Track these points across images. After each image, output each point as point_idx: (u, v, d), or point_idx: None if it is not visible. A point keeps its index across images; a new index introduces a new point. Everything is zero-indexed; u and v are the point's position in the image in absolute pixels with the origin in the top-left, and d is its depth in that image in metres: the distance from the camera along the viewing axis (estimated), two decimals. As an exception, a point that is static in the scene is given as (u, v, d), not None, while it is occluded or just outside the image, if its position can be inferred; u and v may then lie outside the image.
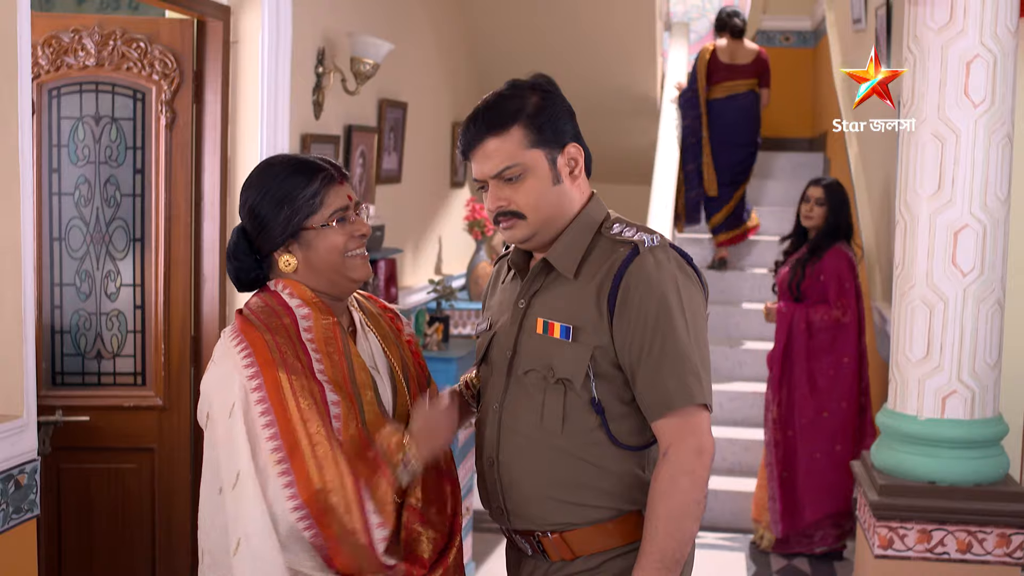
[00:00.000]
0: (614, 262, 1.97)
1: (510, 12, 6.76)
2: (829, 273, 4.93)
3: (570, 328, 1.97)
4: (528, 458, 2.02)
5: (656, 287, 1.94)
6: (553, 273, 2.05)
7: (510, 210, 2.01)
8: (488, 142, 1.99)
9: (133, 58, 3.57)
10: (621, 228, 2.04)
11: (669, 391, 1.92)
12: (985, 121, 3.49)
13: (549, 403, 1.99)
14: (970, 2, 3.48)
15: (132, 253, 3.63)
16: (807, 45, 8.65)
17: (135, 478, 3.65)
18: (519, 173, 1.99)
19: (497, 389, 2.08)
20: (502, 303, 2.15)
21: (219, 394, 1.94)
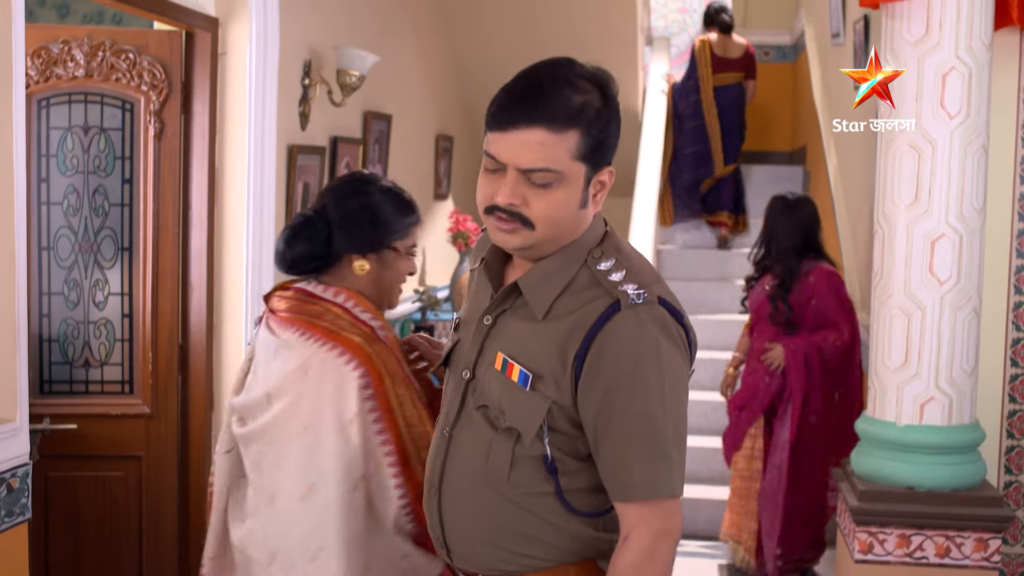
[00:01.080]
0: (589, 313, 1.67)
1: (494, 27, 6.82)
2: (825, 294, 4.61)
3: (529, 376, 1.69)
4: (471, 497, 1.77)
5: (632, 355, 1.64)
6: (518, 296, 1.76)
7: (521, 213, 1.67)
8: (537, 131, 1.63)
9: (122, 69, 3.60)
10: (611, 264, 1.72)
11: (634, 479, 1.66)
12: (961, 132, 3.56)
13: (497, 448, 1.72)
14: (946, 16, 3.55)
15: (120, 262, 3.65)
16: (787, 60, 8.75)
17: (122, 486, 3.67)
18: (553, 181, 1.65)
19: (451, 410, 1.81)
20: (473, 304, 1.86)
21: (331, 406, 2.08)
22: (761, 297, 4.76)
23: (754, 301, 4.82)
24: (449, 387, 1.85)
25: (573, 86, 1.67)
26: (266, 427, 2.15)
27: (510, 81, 1.69)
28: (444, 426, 1.82)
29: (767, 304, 4.70)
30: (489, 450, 1.73)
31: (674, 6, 9.03)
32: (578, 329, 1.67)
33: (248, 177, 3.79)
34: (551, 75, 1.67)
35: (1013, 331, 4.01)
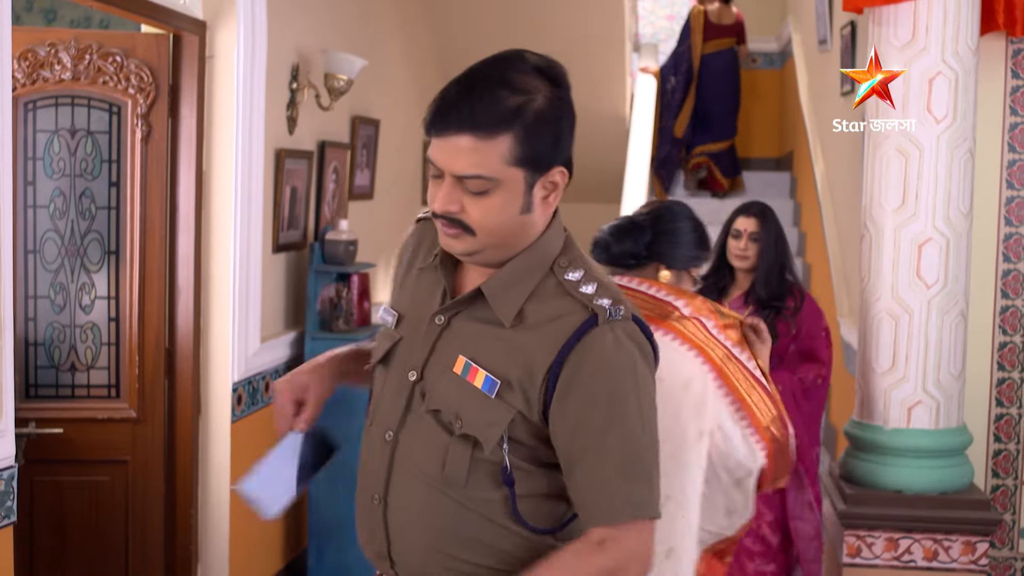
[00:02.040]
0: (564, 325, 1.61)
1: (482, 32, 6.82)
2: (814, 329, 4.05)
3: (497, 384, 1.61)
4: (423, 505, 1.67)
5: (610, 373, 1.59)
6: (481, 301, 1.66)
7: (460, 220, 1.60)
8: (465, 138, 1.56)
9: (109, 72, 3.59)
10: (579, 276, 1.65)
11: (615, 501, 1.59)
12: (948, 137, 3.57)
13: (454, 454, 1.63)
14: (932, 21, 3.56)
15: (107, 266, 3.64)
16: (774, 66, 8.77)
17: (108, 490, 3.65)
18: (488, 188, 1.58)
19: (393, 412, 1.70)
20: (416, 298, 1.75)
21: (680, 383, 2.43)
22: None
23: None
24: (387, 388, 1.73)
25: (510, 86, 1.59)
26: None
27: (445, 87, 1.63)
28: (385, 429, 1.70)
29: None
30: (445, 456, 1.64)
31: (661, 13, 9.06)
32: (551, 341, 1.60)
33: (235, 181, 3.78)
34: (486, 75, 1.61)
35: (1000, 335, 4.03)
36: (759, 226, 3.93)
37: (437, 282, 1.72)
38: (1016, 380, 4.03)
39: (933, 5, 3.56)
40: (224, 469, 3.78)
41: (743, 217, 3.99)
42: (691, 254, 2.69)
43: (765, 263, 3.89)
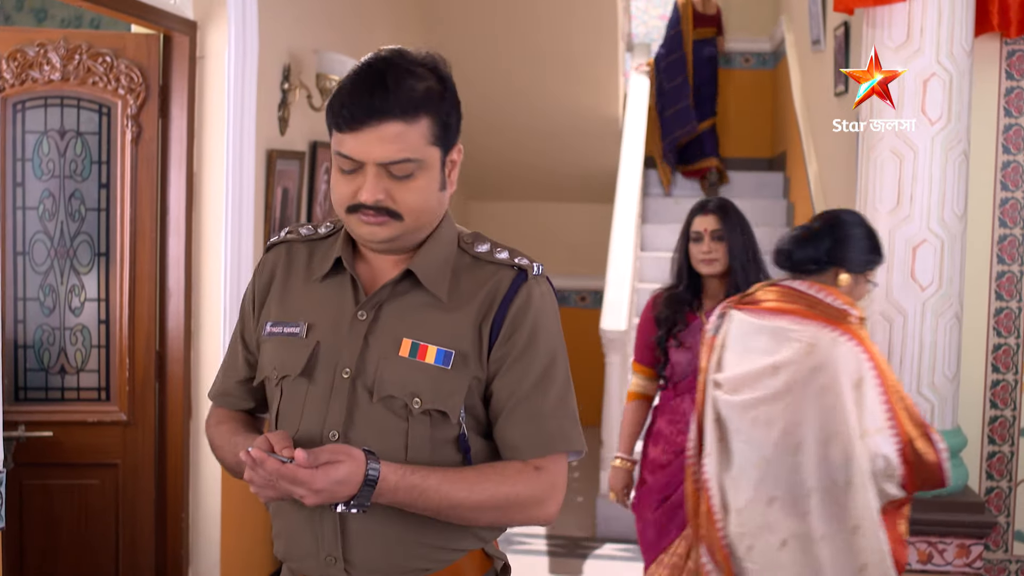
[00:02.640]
0: (497, 285, 1.73)
1: (474, 33, 6.81)
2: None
3: (451, 354, 1.70)
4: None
5: (544, 321, 1.74)
6: (408, 285, 1.74)
7: (387, 207, 1.66)
8: (391, 124, 1.63)
9: (99, 72, 3.57)
10: (490, 247, 1.78)
11: (551, 433, 1.73)
12: (942, 138, 3.56)
13: (415, 435, 1.69)
14: (927, 23, 3.55)
15: (97, 268, 3.61)
16: (766, 67, 8.76)
17: (98, 494, 3.62)
18: (414, 170, 1.66)
19: (334, 413, 1.70)
20: (322, 304, 1.77)
21: (845, 373, 2.69)
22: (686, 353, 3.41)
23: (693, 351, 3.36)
24: (312, 394, 1.72)
25: (413, 74, 1.68)
26: (778, 393, 2.75)
27: (346, 81, 1.68)
28: (327, 431, 1.69)
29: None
30: (405, 440, 1.69)
31: (654, 13, 9.04)
32: (489, 300, 1.72)
33: (227, 182, 3.75)
34: (389, 66, 1.67)
35: (994, 337, 4.02)
36: (720, 222, 3.41)
37: (342, 284, 1.77)
38: (1010, 382, 4.02)
39: (928, 6, 3.55)
40: (215, 473, 3.76)
41: (700, 216, 3.45)
42: (867, 257, 2.92)
43: (739, 262, 3.39)
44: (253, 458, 1.57)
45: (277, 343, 1.77)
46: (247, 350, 1.87)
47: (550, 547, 5.29)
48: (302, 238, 1.85)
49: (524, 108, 7.36)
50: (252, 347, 1.86)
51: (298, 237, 1.85)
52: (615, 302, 5.72)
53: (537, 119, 7.45)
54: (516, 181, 8.14)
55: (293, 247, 1.85)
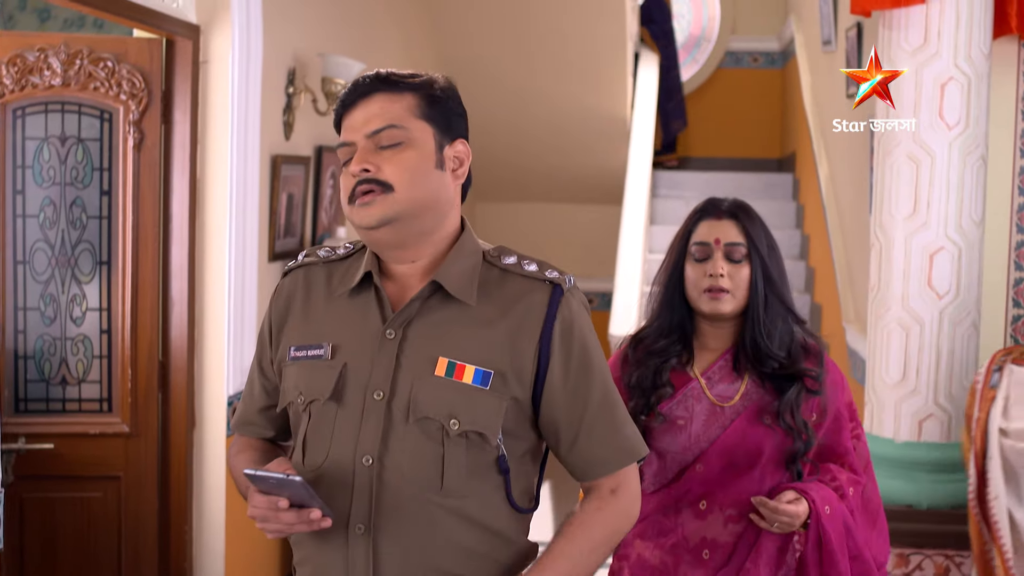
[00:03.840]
0: (535, 302, 1.70)
1: (482, 34, 6.74)
2: (837, 408, 2.29)
3: (490, 374, 1.66)
4: (419, 525, 1.65)
5: (590, 335, 1.74)
6: (437, 300, 1.70)
7: (376, 178, 1.65)
8: (375, 98, 1.68)
9: (100, 77, 3.51)
10: (517, 259, 1.74)
11: (617, 450, 1.73)
12: (960, 143, 3.50)
13: (452, 458, 1.65)
14: (944, 25, 3.49)
15: (98, 276, 3.55)
16: (775, 66, 8.70)
17: (101, 507, 3.56)
18: (401, 140, 1.67)
19: (368, 439, 1.66)
20: (345, 324, 1.73)
21: None
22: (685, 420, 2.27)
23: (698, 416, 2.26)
24: (341, 418, 1.68)
25: (404, 73, 1.74)
26: None
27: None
28: (360, 456, 1.65)
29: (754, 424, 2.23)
30: (442, 466, 1.65)
31: (662, 12, 8.95)
32: (529, 319, 1.69)
33: (231, 188, 3.69)
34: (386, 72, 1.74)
35: (1012, 344, 3.95)
36: (743, 233, 2.22)
37: (367, 302, 1.73)
38: (1028, 391, 3.95)
39: (945, 8, 3.48)
40: (219, 484, 3.70)
41: (710, 221, 2.24)
42: None
43: (760, 298, 2.21)
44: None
45: (301, 367, 1.73)
46: (264, 377, 1.84)
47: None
48: (321, 260, 1.82)
49: (532, 109, 7.30)
50: (270, 374, 1.82)
51: (316, 260, 1.82)
52: (624, 306, 5.66)
53: (545, 120, 7.39)
54: (524, 182, 8.08)
55: (311, 270, 1.82)
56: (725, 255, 2.22)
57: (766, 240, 2.25)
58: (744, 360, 2.24)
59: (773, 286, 2.23)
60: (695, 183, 7.86)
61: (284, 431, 1.85)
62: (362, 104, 1.69)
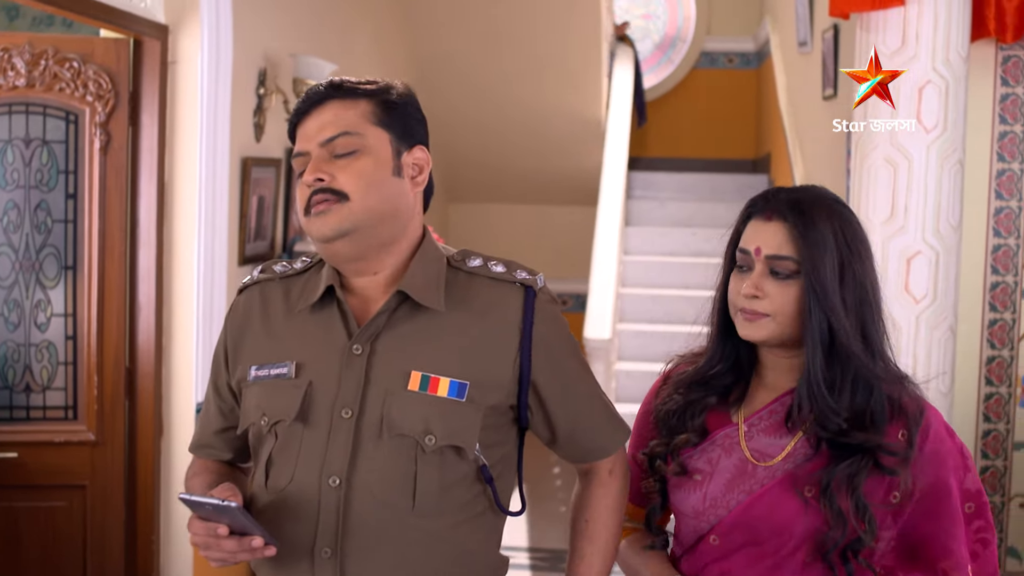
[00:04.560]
0: (509, 307, 1.65)
1: (455, 34, 6.69)
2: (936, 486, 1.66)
3: (466, 385, 1.60)
4: (389, 547, 1.59)
5: (564, 331, 1.72)
6: (405, 311, 1.64)
7: (330, 187, 1.58)
8: (329, 106, 1.63)
9: (66, 78, 3.43)
10: (483, 261, 1.70)
11: (609, 436, 1.74)
12: (938, 147, 3.47)
13: (424, 475, 1.59)
14: (922, 28, 3.46)
15: (64, 281, 3.48)
16: (750, 67, 8.69)
17: (66, 516, 3.50)
18: (355, 148, 1.60)
19: (335, 459, 1.59)
20: (308, 341, 1.66)
21: None
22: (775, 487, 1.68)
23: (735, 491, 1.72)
24: (308, 438, 1.61)
25: (358, 80, 1.69)
26: None
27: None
28: (327, 477, 1.58)
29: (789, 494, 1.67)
30: (414, 484, 1.59)
31: (637, 12, 8.94)
32: (505, 327, 1.65)
33: (199, 191, 3.62)
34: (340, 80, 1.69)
35: (988, 349, 3.94)
36: (794, 240, 1.66)
37: (330, 317, 1.66)
38: (1004, 395, 3.94)
39: (924, 11, 3.46)
40: (188, 492, 3.63)
41: (758, 221, 1.71)
42: None
43: (815, 331, 1.64)
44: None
45: (264, 387, 1.66)
46: (220, 399, 1.77)
47: (532, 560, 5.19)
48: (277, 276, 1.76)
49: (505, 109, 7.26)
50: (226, 395, 1.76)
51: (272, 276, 1.76)
52: (599, 309, 5.61)
53: (518, 120, 7.34)
54: (496, 183, 8.03)
55: (267, 287, 1.76)
56: (769, 269, 1.67)
57: (836, 253, 1.63)
58: (802, 420, 1.67)
59: (836, 316, 1.62)
60: (669, 184, 7.84)
61: (243, 453, 1.78)
62: (316, 112, 1.64)
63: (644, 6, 8.95)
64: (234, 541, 1.52)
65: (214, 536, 1.52)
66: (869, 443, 1.60)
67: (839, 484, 1.60)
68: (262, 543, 1.51)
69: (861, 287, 1.65)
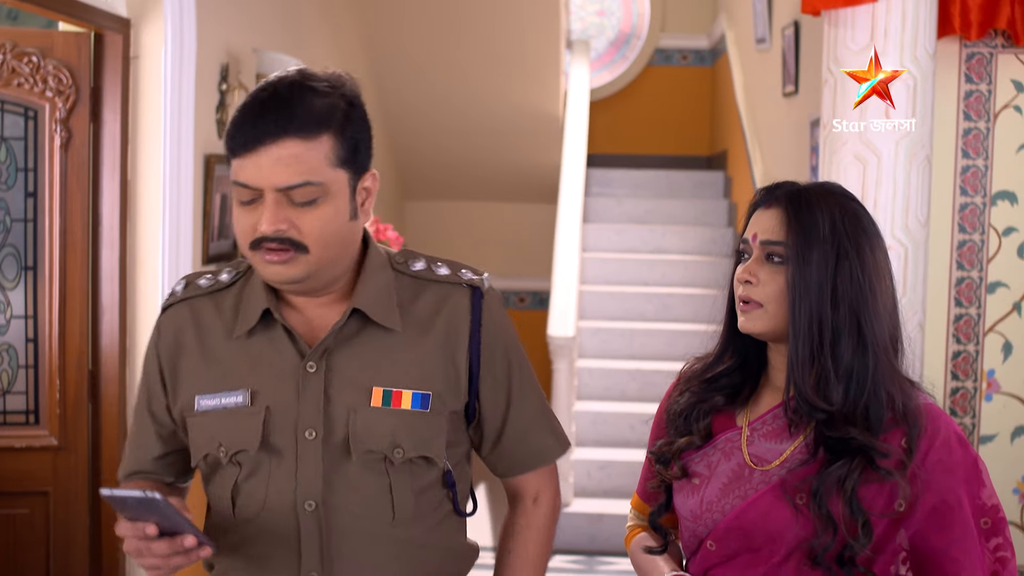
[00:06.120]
0: (458, 310, 1.63)
1: (412, 30, 6.64)
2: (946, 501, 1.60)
3: (428, 395, 1.58)
4: (374, 560, 1.59)
5: (510, 332, 1.69)
6: (355, 324, 1.59)
7: (290, 238, 1.49)
8: (288, 143, 1.47)
9: (24, 73, 3.34)
10: (427, 263, 1.67)
11: (546, 445, 1.72)
12: (907, 143, 3.49)
13: (398, 486, 1.58)
14: (890, 24, 3.48)
15: (24, 282, 3.40)
16: (704, 64, 8.72)
17: (28, 524, 3.41)
18: (318, 196, 1.49)
19: (308, 482, 1.55)
20: (254, 365, 1.59)
21: None
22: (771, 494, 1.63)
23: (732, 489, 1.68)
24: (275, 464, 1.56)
25: (313, 91, 1.51)
26: None
27: (243, 102, 1.53)
28: (302, 500, 1.55)
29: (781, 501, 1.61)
30: (391, 497, 1.58)
31: (592, 9, 8.93)
32: (456, 330, 1.62)
33: (163, 189, 3.56)
34: (290, 85, 1.51)
35: (954, 344, 3.98)
36: (788, 228, 1.63)
37: (273, 337, 1.59)
38: (970, 390, 3.98)
39: (892, 8, 3.47)
40: (153, 497, 3.56)
41: (760, 211, 1.68)
42: None
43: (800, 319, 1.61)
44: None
45: (217, 417, 1.58)
46: (158, 424, 1.67)
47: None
48: (203, 291, 1.65)
49: (462, 105, 7.22)
50: (165, 421, 1.66)
51: (198, 291, 1.66)
52: (562, 307, 5.60)
53: (475, 117, 7.31)
54: (453, 180, 7.99)
55: (196, 304, 1.65)
56: (762, 252, 1.64)
57: (833, 242, 1.59)
58: (800, 420, 1.63)
59: (822, 304, 1.58)
60: (626, 181, 7.85)
61: (183, 474, 1.72)
62: (271, 146, 1.47)
63: (598, 2, 8.94)
64: (165, 543, 1.43)
65: (143, 538, 1.43)
66: (861, 440, 1.55)
67: (830, 487, 1.55)
68: (195, 542, 1.43)
69: (858, 279, 1.59)
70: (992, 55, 3.89)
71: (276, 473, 1.56)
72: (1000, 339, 3.95)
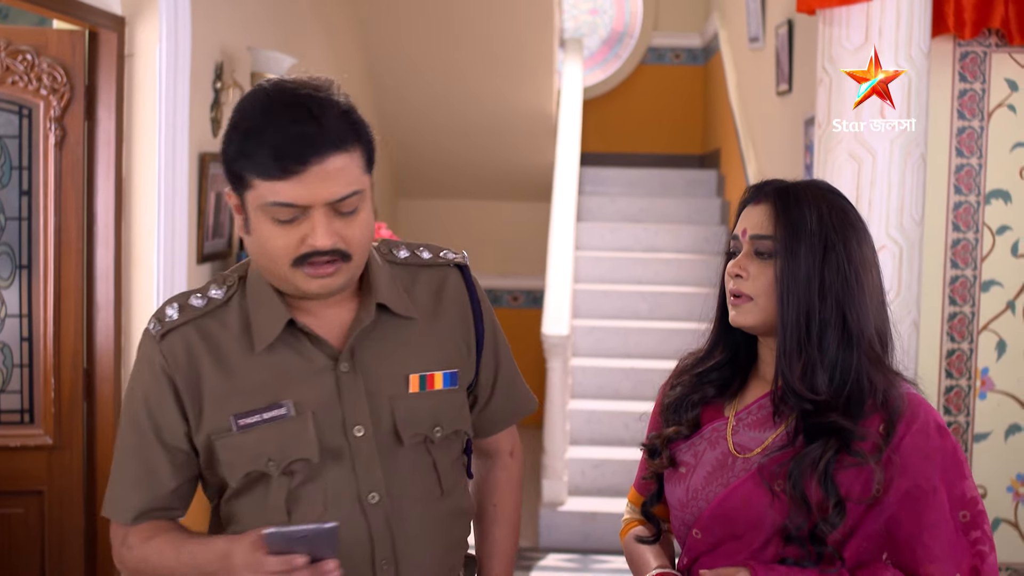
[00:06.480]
0: (455, 289, 1.73)
1: (407, 28, 6.63)
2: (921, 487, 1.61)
3: (456, 373, 1.68)
4: (427, 537, 1.66)
5: (486, 299, 1.80)
6: (366, 319, 1.63)
7: (340, 248, 1.53)
8: (334, 158, 1.49)
9: (19, 71, 3.33)
10: (407, 250, 1.73)
11: (525, 399, 1.88)
12: (901, 142, 3.50)
13: (441, 462, 1.67)
14: (885, 23, 3.49)
15: (18, 281, 3.38)
16: (697, 62, 8.73)
17: (22, 524, 3.39)
18: (358, 204, 1.54)
19: (369, 477, 1.60)
20: (287, 374, 1.61)
21: None
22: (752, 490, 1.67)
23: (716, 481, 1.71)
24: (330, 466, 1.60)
25: (333, 102, 1.54)
26: None
27: (257, 123, 1.51)
28: (366, 493, 1.60)
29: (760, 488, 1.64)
30: (437, 475, 1.68)
31: (584, 7, 8.93)
32: (460, 307, 1.73)
33: (159, 187, 3.54)
34: (311, 100, 1.51)
35: (948, 342, 3.99)
36: (776, 222, 1.66)
37: (295, 345, 1.61)
38: (964, 388, 3.99)
39: (887, 7, 3.48)
40: (149, 496, 3.54)
41: (749, 207, 1.71)
42: None
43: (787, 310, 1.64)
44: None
45: (261, 432, 1.58)
46: (170, 454, 1.63)
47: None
48: (202, 312, 1.63)
49: (457, 104, 7.21)
50: (183, 446, 1.63)
51: (197, 313, 1.63)
52: (556, 305, 5.60)
53: (468, 116, 7.30)
54: (448, 179, 7.98)
55: (200, 326, 1.63)
56: (751, 248, 1.67)
57: (820, 235, 1.63)
58: (785, 409, 1.66)
59: (809, 296, 1.62)
60: (619, 180, 7.85)
61: (189, 503, 1.70)
62: (319, 163, 1.49)
63: (591, 1, 8.94)
64: (309, 570, 1.45)
65: (291, 570, 1.44)
66: (838, 424, 1.57)
67: (806, 469, 1.57)
68: (336, 565, 1.47)
69: (844, 272, 1.62)
70: (986, 54, 3.90)
71: (334, 474, 1.60)
72: (994, 337, 3.96)
